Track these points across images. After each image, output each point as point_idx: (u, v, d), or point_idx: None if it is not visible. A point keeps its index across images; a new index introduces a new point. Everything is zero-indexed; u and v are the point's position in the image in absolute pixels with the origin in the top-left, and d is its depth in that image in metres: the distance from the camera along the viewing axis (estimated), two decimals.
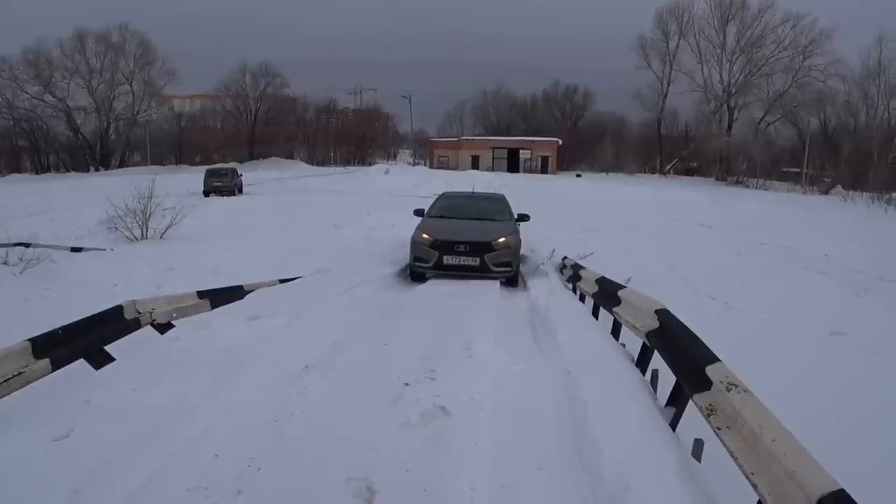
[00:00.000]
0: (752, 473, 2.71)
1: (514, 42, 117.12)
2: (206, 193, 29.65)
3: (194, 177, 34.52)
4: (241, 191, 32.38)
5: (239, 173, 34.75)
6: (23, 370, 3.74)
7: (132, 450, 2.91)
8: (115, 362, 4.28)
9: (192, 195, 25.75)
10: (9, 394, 3.51)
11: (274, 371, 4.14)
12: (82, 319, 4.50)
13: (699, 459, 3.40)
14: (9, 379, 3.60)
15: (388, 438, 3.20)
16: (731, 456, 2.91)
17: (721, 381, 3.29)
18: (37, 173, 57.91)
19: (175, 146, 68.29)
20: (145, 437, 3.04)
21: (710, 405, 3.35)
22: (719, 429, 3.15)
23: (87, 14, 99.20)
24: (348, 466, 2.89)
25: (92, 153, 62.44)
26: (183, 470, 2.81)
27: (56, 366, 3.99)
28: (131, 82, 62.87)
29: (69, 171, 58.19)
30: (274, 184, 38.49)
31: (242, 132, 72.06)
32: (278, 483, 2.82)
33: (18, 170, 59.00)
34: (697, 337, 4.02)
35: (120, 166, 60.33)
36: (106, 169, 58.21)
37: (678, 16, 63.46)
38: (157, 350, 4.35)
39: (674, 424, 3.69)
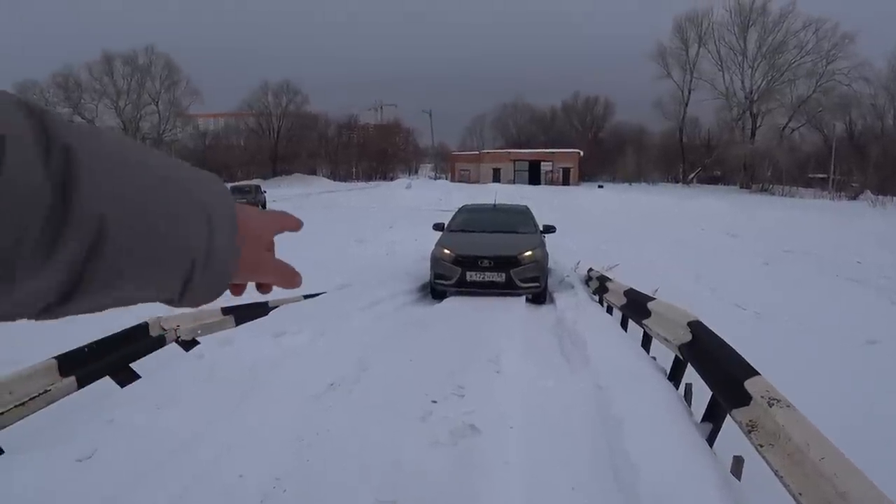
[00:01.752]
0: (800, 494, 2.57)
1: (533, 54, 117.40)
2: None
3: None
4: (264, 207, 32.64)
5: (263, 190, 35.12)
6: (48, 388, 3.73)
7: (156, 470, 2.85)
8: (139, 380, 4.24)
9: None
10: (34, 412, 3.49)
11: (298, 389, 4.07)
12: (108, 337, 4.49)
13: (739, 477, 3.26)
14: (35, 398, 3.59)
15: (418, 457, 3.11)
16: (776, 475, 2.78)
17: (762, 396, 3.15)
18: None
19: (200, 164, 68.91)
20: (169, 458, 2.98)
21: (750, 421, 3.20)
22: (761, 446, 3.01)
23: (115, 37, 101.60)
24: (377, 488, 2.81)
25: None
26: (207, 491, 2.74)
27: (81, 384, 3.98)
28: (157, 102, 64.32)
29: None
30: (297, 200, 38.79)
31: (265, 149, 73.02)
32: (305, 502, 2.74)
33: None
34: (734, 349, 3.88)
35: None
36: None
37: (697, 23, 63.07)
38: (181, 368, 4.32)
39: (711, 440, 3.55)
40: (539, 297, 8.76)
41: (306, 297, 8.15)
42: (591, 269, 11.39)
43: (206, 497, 2.70)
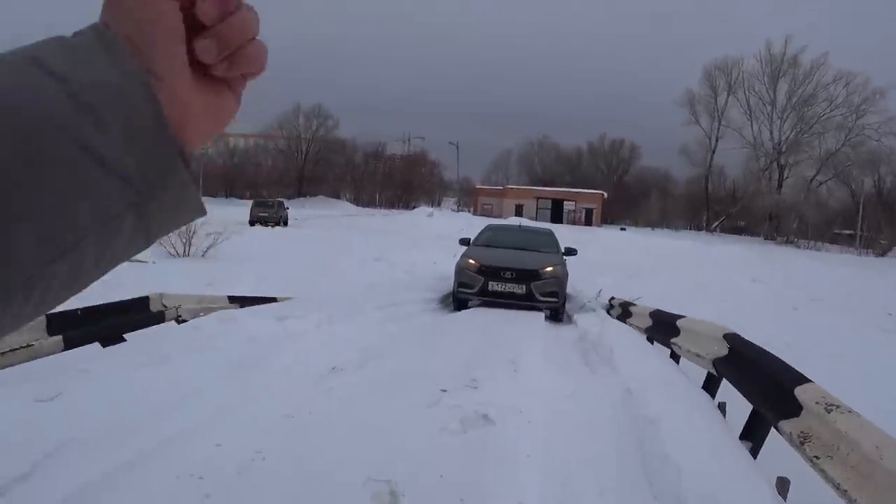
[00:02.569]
0: None
1: (561, 93, 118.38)
2: (252, 223, 30.05)
3: (242, 209, 35.16)
4: (286, 223, 32.78)
5: (286, 206, 35.27)
6: (32, 343, 3.47)
7: (125, 424, 2.53)
8: (126, 342, 3.96)
9: (239, 224, 26.06)
10: (14, 364, 3.22)
11: (298, 368, 3.75)
12: (104, 304, 4.24)
13: (785, 498, 2.86)
14: (16, 349, 3.33)
15: (421, 442, 2.75)
16: (837, 489, 2.40)
17: (816, 403, 2.78)
18: None
19: (227, 180, 70.33)
20: (143, 414, 2.67)
21: (802, 432, 2.82)
22: (817, 458, 2.63)
23: None
24: (370, 467, 2.45)
25: None
26: (177, 454, 2.41)
27: (69, 344, 3.70)
28: None
29: None
30: (319, 220, 38.92)
31: (292, 170, 73.79)
32: (284, 479, 2.39)
33: None
34: (779, 358, 3.52)
35: None
36: None
37: (727, 72, 62.90)
38: (172, 334, 4.04)
39: (754, 454, 3.16)
40: (557, 312, 8.88)
41: None
42: (612, 298, 11.08)
43: (174, 460, 2.37)
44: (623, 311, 8.66)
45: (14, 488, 2.00)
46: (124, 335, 4.24)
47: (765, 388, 3.35)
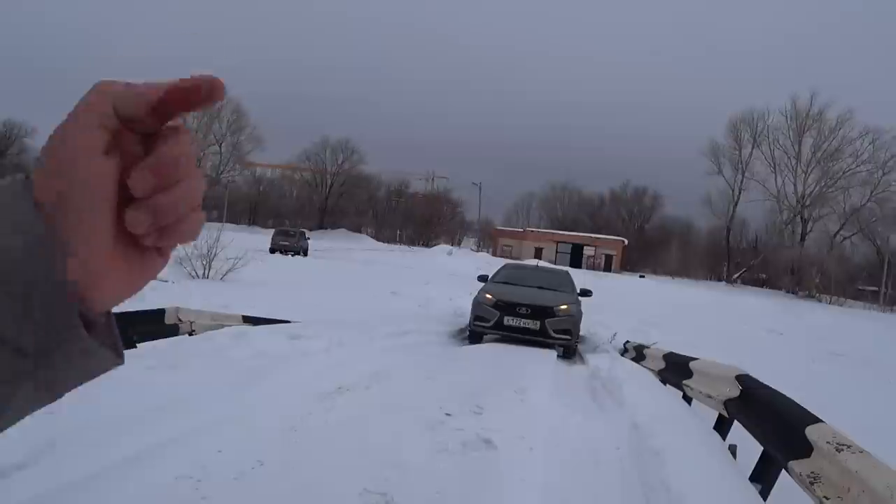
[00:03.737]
0: None
1: (586, 140, 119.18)
2: (272, 251, 30.32)
3: (264, 238, 35.58)
4: (306, 253, 33.01)
5: (307, 236, 35.60)
6: None
7: (127, 422, 2.56)
8: (135, 349, 4.00)
9: (259, 251, 26.33)
10: None
11: (304, 385, 3.76)
12: (120, 312, 4.31)
13: None
14: None
15: (420, 459, 2.73)
16: None
17: (828, 443, 2.72)
18: None
19: (251, 208, 71.52)
20: (145, 414, 2.69)
21: (812, 473, 2.76)
22: (827, 499, 2.56)
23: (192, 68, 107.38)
24: (367, 479, 2.43)
25: None
26: (177, 455, 2.43)
27: None
28: (221, 144, 66.92)
29: None
30: (339, 252, 39.19)
31: (316, 202, 74.77)
32: (280, 487, 2.39)
33: None
34: (789, 398, 3.45)
35: None
36: None
37: (752, 124, 62.69)
38: (184, 344, 4.07)
39: (764, 496, 3.08)
40: (569, 350, 8.98)
41: None
42: (627, 342, 10.96)
43: (173, 462, 2.38)
44: (637, 354, 8.57)
45: (12, 475, 2.02)
46: (136, 343, 4.29)
47: (776, 428, 3.29)
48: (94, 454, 2.26)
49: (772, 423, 3.36)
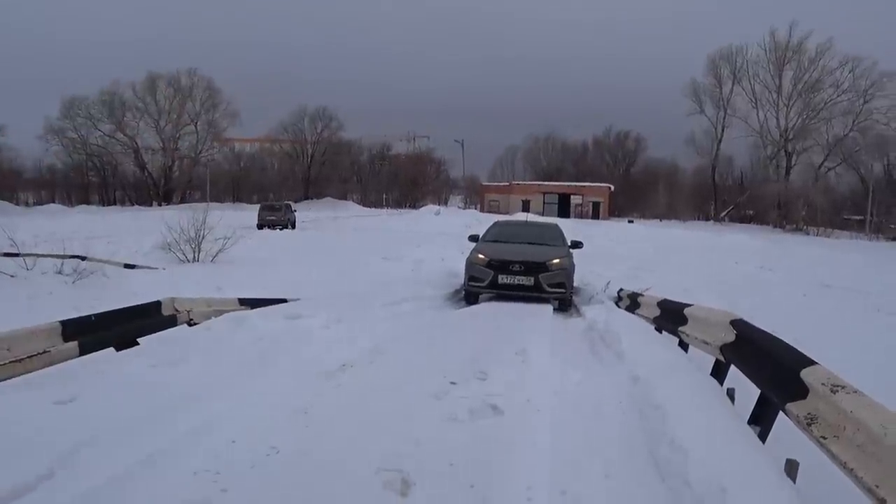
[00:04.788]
0: (877, 486, 2.21)
1: (565, 88, 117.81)
2: (260, 227, 30.13)
3: (250, 214, 35.30)
4: (294, 226, 32.83)
5: (293, 209, 35.36)
6: (48, 349, 3.54)
7: (140, 423, 2.60)
8: (140, 344, 4.02)
9: (247, 228, 26.15)
10: (31, 371, 3.29)
11: (308, 365, 3.81)
12: (117, 309, 4.32)
13: (794, 480, 2.88)
14: (32, 356, 3.40)
15: (431, 432, 2.80)
16: (844, 468, 2.41)
17: (823, 385, 2.80)
18: (103, 206, 60.77)
19: (234, 185, 70.73)
20: (157, 413, 2.73)
21: (808, 414, 2.84)
22: (823, 438, 2.65)
23: (160, 58, 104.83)
24: (381, 458, 2.50)
25: (156, 189, 65.26)
26: (192, 451, 2.48)
27: (84, 350, 3.78)
28: (196, 123, 65.74)
29: (133, 205, 61.00)
30: (327, 221, 39.01)
31: (298, 173, 73.96)
32: (297, 472, 2.45)
33: (87, 202, 62.14)
34: (785, 341, 3.53)
35: (181, 202, 62.58)
36: (168, 204, 60.45)
37: (731, 61, 62.24)
38: (184, 336, 4.10)
39: (762, 438, 3.18)
40: (564, 303, 9.14)
41: None
42: (621, 290, 11.08)
43: (189, 457, 2.43)
44: (631, 302, 8.68)
45: (37, 486, 2.06)
46: (138, 339, 4.31)
47: (772, 371, 3.37)
48: (111, 459, 2.30)
49: (768, 367, 3.44)
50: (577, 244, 10.61)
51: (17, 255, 10.63)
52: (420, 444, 2.67)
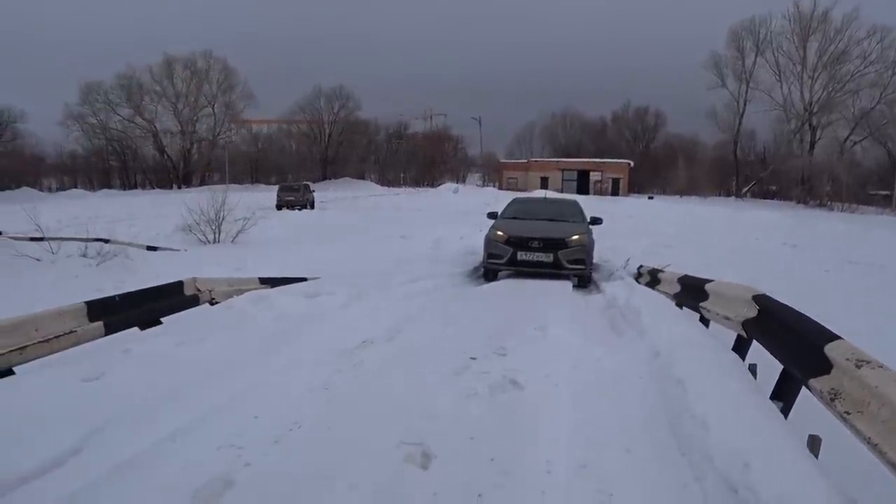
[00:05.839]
0: None
1: (583, 64, 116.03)
2: (279, 207, 30.31)
3: (269, 195, 35.52)
4: (312, 206, 32.95)
5: (311, 189, 35.49)
6: (75, 329, 3.62)
7: (165, 399, 2.65)
8: (164, 322, 4.09)
9: (266, 209, 26.34)
10: (58, 351, 3.37)
11: (329, 343, 3.85)
12: (141, 290, 4.39)
13: (817, 456, 2.86)
14: (59, 336, 3.48)
15: (451, 407, 2.82)
16: (868, 443, 2.39)
17: (847, 360, 2.77)
18: (124, 189, 61.63)
19: (252, 166, 71.20)
20: (181, 389, 2.78)
21: (832, 389, 2.81)
22: (847, 414, 2.62)
23: (176, 40, 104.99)
24: (402, 431, 2.53)
25: (175, 172, 65.94)
26: (216, 426, 2.52)
27: (109, 330, 3.86)
28: (213, 106, 66.04)
29: (153, 189, 61.78)
30: (345, 201, 39.14)
31: (316, 153, 74.06)
32: (319, 446, 2.49)
33: (108, 186, 63.05)
34: (808, 316, 3.48)
35: (201, 185, 63.12)
36: (187, 187, 61.01)
37: (754, 32, 60.47)
38: (206, 315, 4.16)
39: (785, 414, 3.16)
40: (584, 280, 9.07)
41: None
42: (641, 266, 11.00)
43: (213, 432, 2.48)
44: (652, 279, 8.61)
45: (66, 461, 2.11)
46: (161, 319, 4.38)
47: (795, 347, 3.33)
48: (138, 434, 2.36)
49: (791, 342, 3.40)
50: (596, 220, 10.49)
51: (42, 238, 10.82)
52: (440, 419, 2.69)
